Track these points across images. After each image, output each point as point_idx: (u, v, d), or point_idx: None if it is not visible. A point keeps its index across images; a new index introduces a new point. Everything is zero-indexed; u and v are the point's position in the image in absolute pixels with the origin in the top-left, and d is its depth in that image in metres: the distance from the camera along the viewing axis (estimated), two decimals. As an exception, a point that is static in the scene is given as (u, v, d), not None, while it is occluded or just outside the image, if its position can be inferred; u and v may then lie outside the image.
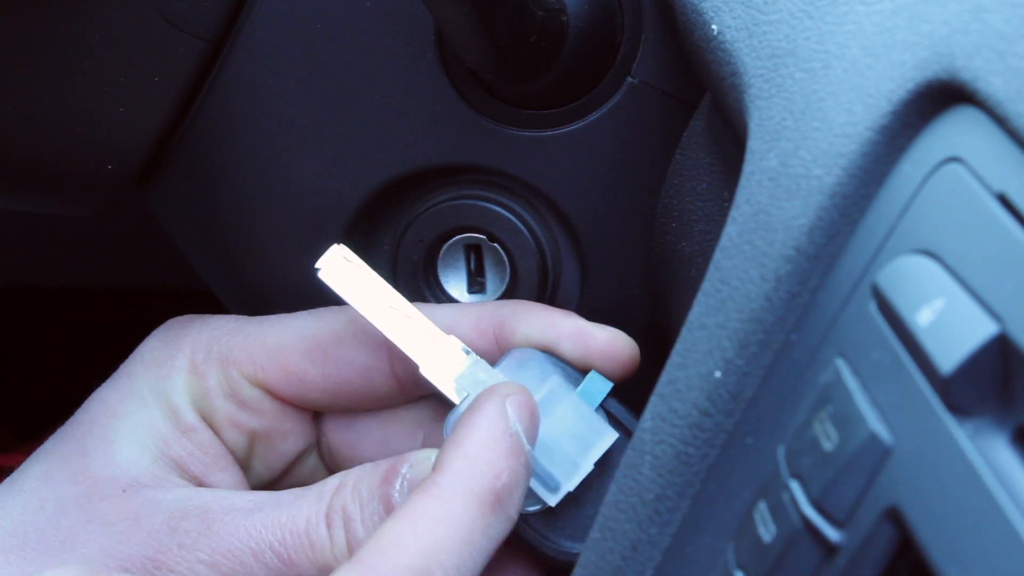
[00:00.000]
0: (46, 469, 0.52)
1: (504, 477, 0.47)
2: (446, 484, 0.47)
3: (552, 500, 0.51)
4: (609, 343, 0.52)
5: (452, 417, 0.51)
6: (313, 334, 0.54)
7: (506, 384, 0.51)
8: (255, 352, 0.54)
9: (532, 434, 0.49)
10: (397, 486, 0.49)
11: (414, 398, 0.55)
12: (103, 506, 0.51)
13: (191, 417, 0.54)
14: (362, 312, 0.52)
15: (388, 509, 0.49)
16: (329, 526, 0.49)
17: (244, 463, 0.55)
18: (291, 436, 0.55)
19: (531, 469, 0.49)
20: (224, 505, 0.50)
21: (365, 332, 0.53)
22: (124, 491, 0.51)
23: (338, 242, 0.56)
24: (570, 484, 0.51)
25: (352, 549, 0.48)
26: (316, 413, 0.56)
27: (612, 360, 0.52)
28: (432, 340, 0.52)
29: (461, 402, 0.51)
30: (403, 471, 0.49)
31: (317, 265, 0.53)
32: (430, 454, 0.49)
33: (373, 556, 0.45)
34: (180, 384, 0.54)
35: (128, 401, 0.54)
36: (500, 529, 0.47)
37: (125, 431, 0.53)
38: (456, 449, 0.48)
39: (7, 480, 0.53)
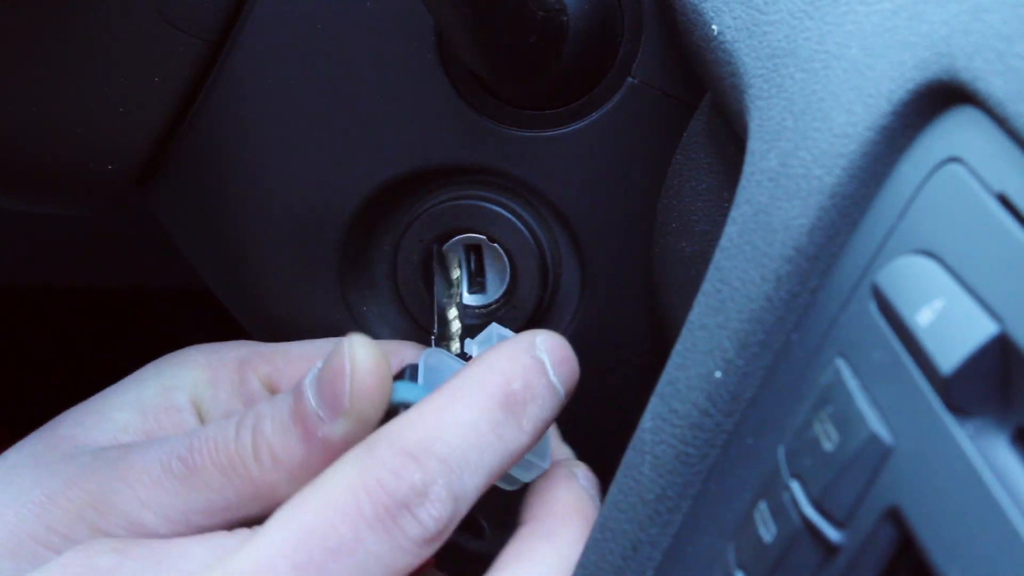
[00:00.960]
0: (30, 436, 0.53)
1: (517, 384, 0.47)
2: (457, 382, 0.47)
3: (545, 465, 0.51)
4: None
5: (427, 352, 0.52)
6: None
7: (543, 330, 0.50)
8: (275, 359, 0.55)
9: (562, 372, 0.49)
10: (309, 376, 0.48)
11: None
12: (49, 452, 0.51)
13: (181, 399, 0.54)
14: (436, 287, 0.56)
15: (298, 398, 0.48)
16: (238, 426, 0.49)
17: None
18: None
19: (559, 402, 0.48)
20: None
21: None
22: (76, 445, 0.52)
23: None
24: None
25: (257, 446, 0.48)
26: None
27: None
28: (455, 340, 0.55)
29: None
30: (318, 364, 0.48)
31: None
32: (344, 343, 0.48)
33: (376, 436, 0.45)
34: (186, 372, 0.54)
35: (127, 383, 0.55)
36: (511, 435, 0.47)
37: (109, 403, 0.53)
38: (475, 361, 0.48)
39: None
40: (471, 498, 0.46)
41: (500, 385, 0.47)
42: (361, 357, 0.47)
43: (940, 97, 0.35)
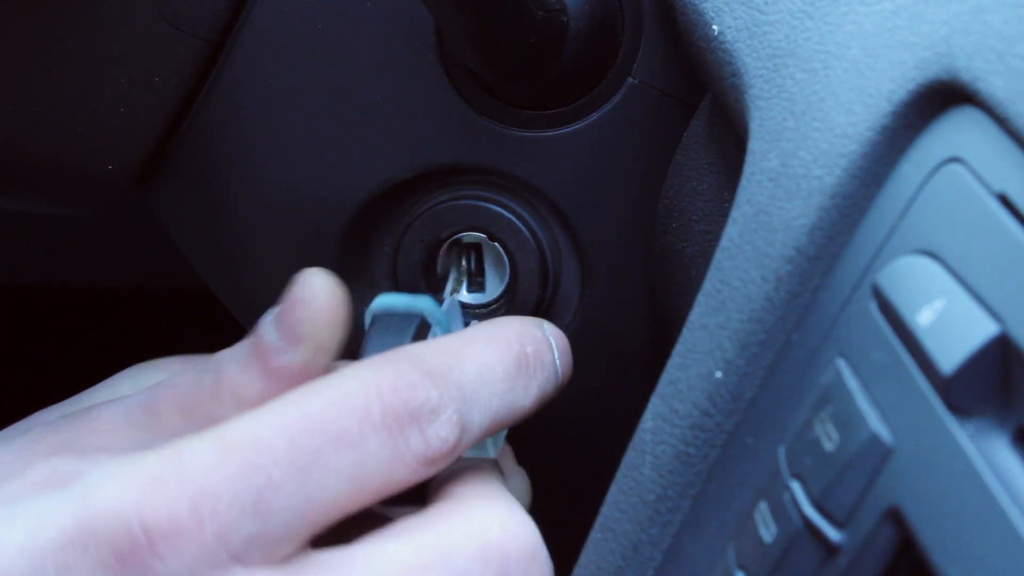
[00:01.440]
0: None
1: (530, 348, 0.47)
2: (474, 330, 0.47)
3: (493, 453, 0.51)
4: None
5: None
6: None
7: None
8: None
9: (563, 358, 0.49)
10: (267, 315, 0.48)
11: None
12: (17, 429, 0.51)
13: None
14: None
15: (256, 336, 0.47)
16: (200, 372, 0.48)
17: None
18: None
19: (558, 384, 0.49)
20: None
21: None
22: None
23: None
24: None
25: (218, 386, 0.47)
26: None
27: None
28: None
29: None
30: (276, 306, 0.48)
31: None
32: (300, 275, 0.48)
33: (396, 351, 0.45)
34: (159, 372, 0.54)
35: (103, 384, 0.54)
36: (519, 392, 0.47)
37: (84, 399, 0.53)
38: (489, 321, 0.48)
39: None
40: (474, 435, 0.45)
41: (515, 343, 0.47)
42: (317, 284, 0.47)
43: (940, 97, 0.35)
